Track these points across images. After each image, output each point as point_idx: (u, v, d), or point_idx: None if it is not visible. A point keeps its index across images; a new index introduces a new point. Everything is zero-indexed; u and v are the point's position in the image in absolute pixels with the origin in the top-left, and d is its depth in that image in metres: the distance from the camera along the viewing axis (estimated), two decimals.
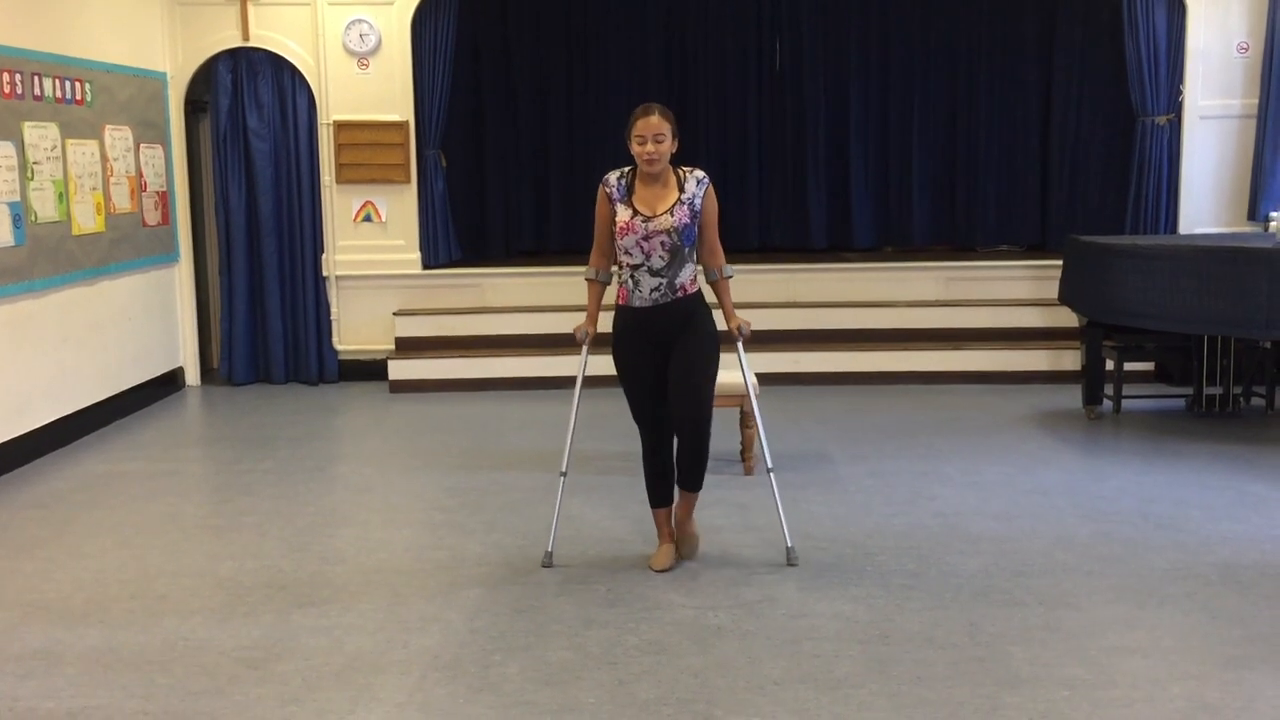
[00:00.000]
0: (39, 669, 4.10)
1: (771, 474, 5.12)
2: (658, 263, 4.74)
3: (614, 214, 4.81)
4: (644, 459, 5.00)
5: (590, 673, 4.00)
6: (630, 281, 4.80)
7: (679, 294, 4.78)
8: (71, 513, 5.96)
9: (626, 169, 4.87)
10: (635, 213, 4.75)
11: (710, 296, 4.95)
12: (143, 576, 5.00)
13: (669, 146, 4.73)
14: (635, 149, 4.75)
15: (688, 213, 4.75)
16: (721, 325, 4.95)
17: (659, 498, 5.02)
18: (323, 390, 9.11)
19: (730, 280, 5.01)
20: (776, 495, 5.12)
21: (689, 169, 4.86)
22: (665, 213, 4.74)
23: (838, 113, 10.38)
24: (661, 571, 4.91)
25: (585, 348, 5.14)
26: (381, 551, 5.30)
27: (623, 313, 4.86)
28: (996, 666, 4.00)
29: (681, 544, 5.06)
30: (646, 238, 4.73)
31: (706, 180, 4.85)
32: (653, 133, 4.70)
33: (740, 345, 5.14)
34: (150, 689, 3.93)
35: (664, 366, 4.83)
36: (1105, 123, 9.91)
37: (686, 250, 4.77)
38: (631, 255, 4.77)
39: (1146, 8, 8.92)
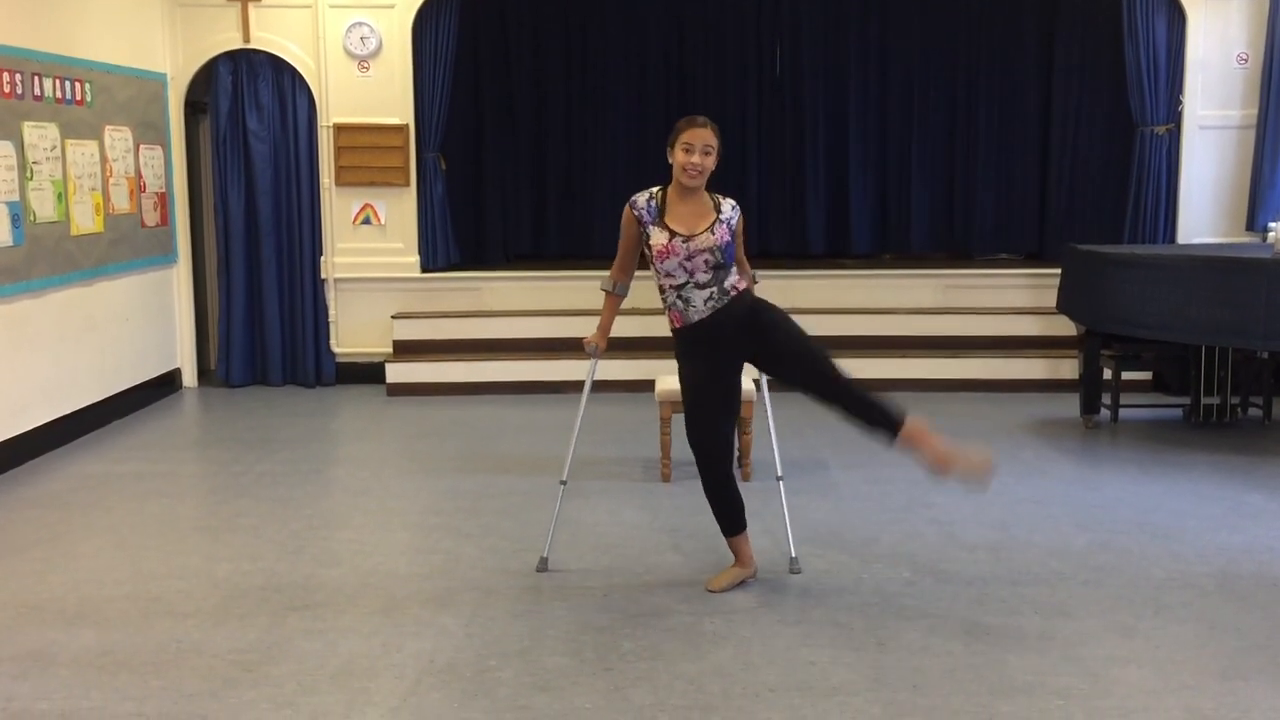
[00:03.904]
0: (33, 670, 4.09)
1: (781, 482, 5.15)
2: (703, 277, 4.61)
3: (646, 236, 4.66)
4: (711, 489, 4.75)
5: (586, 678, 3.99)
6: (680, 302, 4.64)
7: (732, 293, 4.65)
8: (67, 514, 5.95)
9: (655, 190, 4.71)
10: (673, 234, 4.61)
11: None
12: (138, 578, 5.00)
13: (714, 162, 4.63)
14: (680, 158, 4.58)
15: (727, 232, 4.63)
16: None
17: (736, 525, 4.81)
18: (320, 393, 9.10)
19: (757, 286, 4.96)
20: (785, 504, 5.14)
21: (720, 195, 4.75)
22: (705, 231, 4.60)
23: (837, 119, 10.39)
24: (717, 592, 4.76)
25: (595, 362, 5.09)
26: (377, 555, 5.29)
27: (684, 334, 4.68)
28: (992, 675, 4.00)
29: (958, 460, 4.58)
30: (689, 258, 4.59)
31: (738, 208, 4.76)
32: (701, 143, 4.56)
33: None
34: (144, 691, 3.92)
35: (736, 382, 4.78)
36: (1104, 132, 9.91)
37: (728, 264, 4.68)
38: (675, 276, 4.63)
39: (1146, 17, 8.93)
